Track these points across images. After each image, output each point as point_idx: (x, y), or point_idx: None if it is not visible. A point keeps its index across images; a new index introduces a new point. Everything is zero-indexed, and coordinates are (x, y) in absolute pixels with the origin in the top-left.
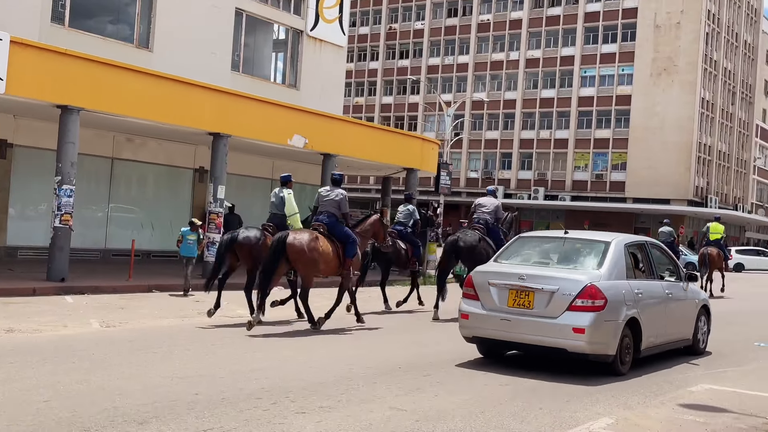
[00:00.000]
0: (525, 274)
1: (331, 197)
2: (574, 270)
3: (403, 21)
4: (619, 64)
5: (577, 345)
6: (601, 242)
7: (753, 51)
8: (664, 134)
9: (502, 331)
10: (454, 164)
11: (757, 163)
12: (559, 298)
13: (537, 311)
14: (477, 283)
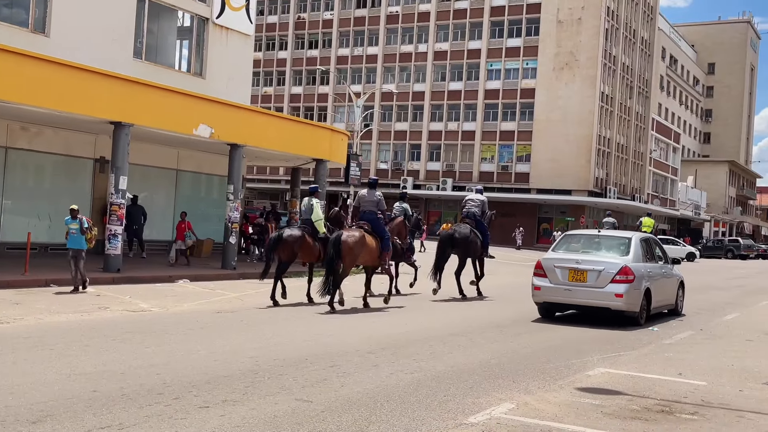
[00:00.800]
0: (579, 260)
1: (372, 199)
2: (612, 256)
3: (312, 11)
4: (524, 58)
5: (618, 305)
6: (625, 237)
7: (649, 47)
8: (566, 127)
9: (565, 297)
10: (364, 155)
11: (653, 155)
12: (605, 275)
13: (589, 284)
14: (545, 266)
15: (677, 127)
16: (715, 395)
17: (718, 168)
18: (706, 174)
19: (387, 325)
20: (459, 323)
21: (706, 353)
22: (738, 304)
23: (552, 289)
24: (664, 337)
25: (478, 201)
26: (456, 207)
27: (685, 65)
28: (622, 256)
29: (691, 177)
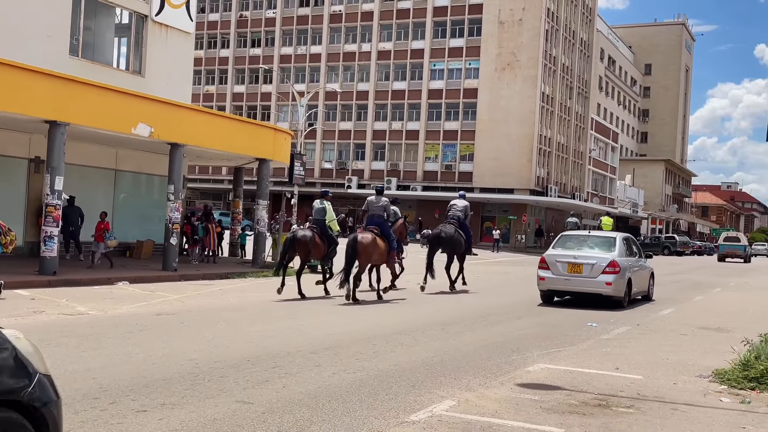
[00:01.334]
0: (576, 255)
1: (380, 204)
2: (602, 252)
3: (255, 9)
4: (467, 59)
5: (608, 291)
6: (611, 237)
7: (588, 48)
8: (508, 127)
9: (565, 286)
10: (308, 155)
11: (592, 154)
12: (597, 267)
13: (585, 275)
14: (549, 261)
15: (616, 127)
16: (650, 389)
17: (655, 167)
18: (643, 173)
19: (332, 325)
20: (403, 322)
21: (643, 348)
22: (673, 299)
23: (554, 279)
24: (602, 332)
25: (461, 205)
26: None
27: (623, 66)
28: (609, 252)
29: (629, 176)
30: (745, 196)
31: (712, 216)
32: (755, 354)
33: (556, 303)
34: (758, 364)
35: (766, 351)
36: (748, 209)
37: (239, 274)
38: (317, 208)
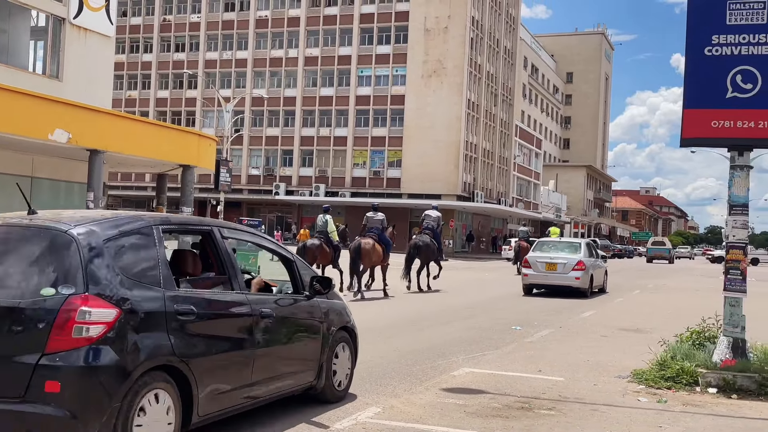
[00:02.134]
0: (552, 257)
1: (377, 218)
2: (571, 254)
3: (179, 13)
4: (393, 65)
5: (575, 284)
6: (577, 242)
7: (512, 56)
8: (435, 133)
9: (543, 281)
10: (234, 161)
11: (516, 160)
12: (568, 266)
13: (558, 272)
14: (531, 261)
15: (539, 134)
16: (571, 390)
17: (576, 172)
18: (566, 178)
19: None
20: None
21: (564, 350)
22: (594, 301)
23: (536, 275)
24: (525, 335)
25: (434, 216)
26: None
27: (546, 74)
28: (577, 254)
29: (552, 181)
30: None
31: (632, 220)
32: (671, 354)
33: (487, 307)
34: (674, 363)
35: (682, 350)
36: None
37: None
38: (320, 222)
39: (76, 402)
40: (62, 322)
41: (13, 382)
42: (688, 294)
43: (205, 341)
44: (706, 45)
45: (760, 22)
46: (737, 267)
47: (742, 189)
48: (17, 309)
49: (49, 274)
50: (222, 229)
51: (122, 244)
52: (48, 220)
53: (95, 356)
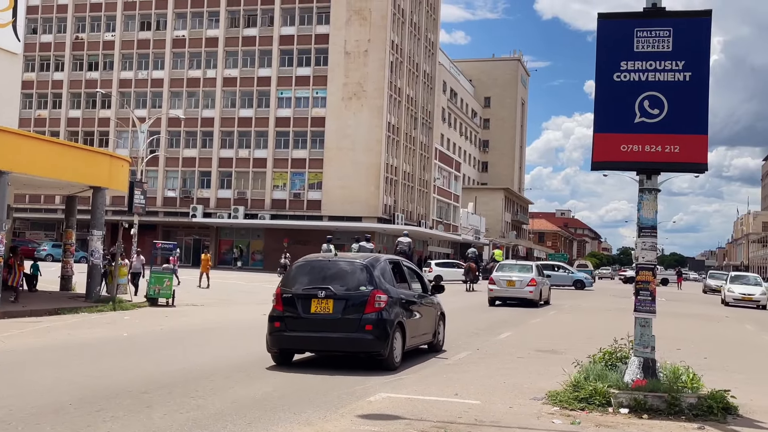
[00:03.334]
0: (512, 276)
1: (368, 247)
2: (526, 274)
3: (92, 31)
4: (314, 87)
5: (530, 297)
6: (530, 264)
7: (431, 80)
8: (355, 155)
9: (505, 294)
10: (150, 183)
11: (436, 182)
12: (524, 283)
13: (517, 288)
14: (495, 279)
15: (458, 157)
16: (487, 413)
17: (495, 195)
18: (484, 201)
19: (170, 360)
20: (250, 354)
21: (482, 372)
22: (512, 322)
23: (499, 290)
24: (444, 358)
25: (406, 242)
26: (248, 235)
27: (464, 98)
28: (530, 273)
29: (472, 203)
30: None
31: (548, 242)
32: (584, 375)
33: None
34: (587, 384)
35: (595, 371)
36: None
37: (71, 309)
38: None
39: (377, 333)
40: (370, 300)
41: (351, 326)
42: (601, 314)
43: (408, 312)
44: (615, 71)
45: (666, 49)
46: (647, 288)
47: (650, 212)
48: (351, 295)
49: (361, 280)
50: (403, 262)
51: (383, 267)
52: (352, 258)
53: (382, 315)
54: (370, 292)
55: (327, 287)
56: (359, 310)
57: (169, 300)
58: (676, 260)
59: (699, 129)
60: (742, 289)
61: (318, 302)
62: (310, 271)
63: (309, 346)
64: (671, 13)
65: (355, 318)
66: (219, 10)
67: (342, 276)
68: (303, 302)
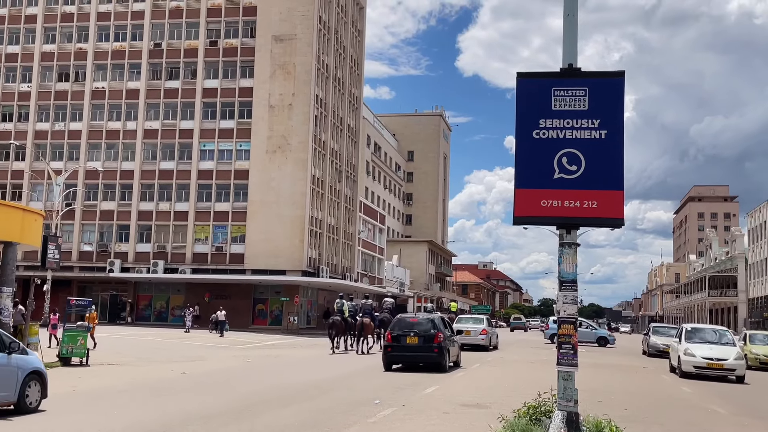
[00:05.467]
0: (468, 327)
1: (368, 303)
2: (479, 324)
3: (6, 82)
4: (237, 140)
5: (482, 343)
6: (481, 316)
7: (355, 134)
8: (279, 208)
9: (465, 341)
10: (65, 237)
11: (361, 235)
12: (478, 331)
13: (473, 336)
14: (455, 328)
15: (383, 210)
16: None
17: (419, 247)
18: (409, 253)
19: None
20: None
21: (407, 429)
22: (437, 376)
23: (462, 338)
24: (368, 415)
25: (390, 302)
26: (168, 290)
27: (388, 152)
28: (482, 324)
29: (396, 256)
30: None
31: (471, 293)
32: (509, 430)
33: (334, 386)
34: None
35: (519, 426)
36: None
37: None
38: (339, 304)
39: (441, 353)
40: (436, 336)
41: (429, 351)
42: (525, 366)
43: (450, 342)
44: (534, 128)
45: (582, 108)
46: (569, 342)
47: (570, 265)
48: (427, 335)
49: (431, 327)
50: (443, 316)
51: (441, 320)
52: (428, 317)
53: (443, 345)
54: (435, 333)
55: (414, 330)
56: (431, 341)
57: (83, 359)
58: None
59: (615, 185)
60: (707, 351)
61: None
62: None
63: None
64: (586, 73)
65: (431, 346)
66: (141, 62)
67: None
68: (402, 338)
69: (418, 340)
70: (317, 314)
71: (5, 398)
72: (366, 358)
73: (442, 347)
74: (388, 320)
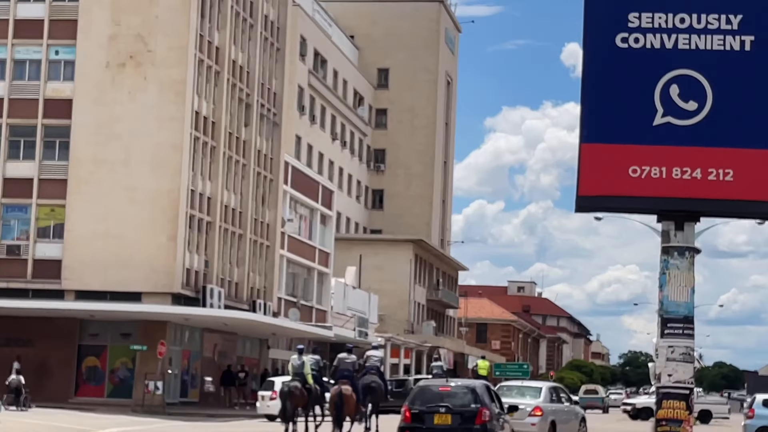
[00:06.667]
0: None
1: (349, 361)
2: (529, 398)
3: None
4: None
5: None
6: (538, 386)
7: (279, 35)
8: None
9: None
10: None
11: (287, 228)
12: (526, 411)
13: (517, 418)
14: None
15: (329, 180)
16: None
17: (396, 253)
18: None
19: None
20: None
21: None
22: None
23: None
24: None
25: (378, 356)
26: None
27: (341, 71)
28: (535, 399)
29: (353, 268)
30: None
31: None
32: None
33: None
34: None
35: None
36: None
37: None
38: (297, 363)
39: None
40: (479, 414)
41: (466, 431)
42: None
43: (499, 425)
44: (619, 31)
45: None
46: (676, 430)
47: (682, 289)
48: (465, 412)
49: (471, 399)
50: (487, 384)
51: (486, 388)
52: (467, 383)
53: (489, 427)
54: (478, 409)
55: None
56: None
57: None
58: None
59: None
60: None
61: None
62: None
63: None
64: None
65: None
66: None
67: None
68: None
69: (451, 420)
70: (204, 377)
71: None
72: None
73: (487, 431)
74: (377, 387)
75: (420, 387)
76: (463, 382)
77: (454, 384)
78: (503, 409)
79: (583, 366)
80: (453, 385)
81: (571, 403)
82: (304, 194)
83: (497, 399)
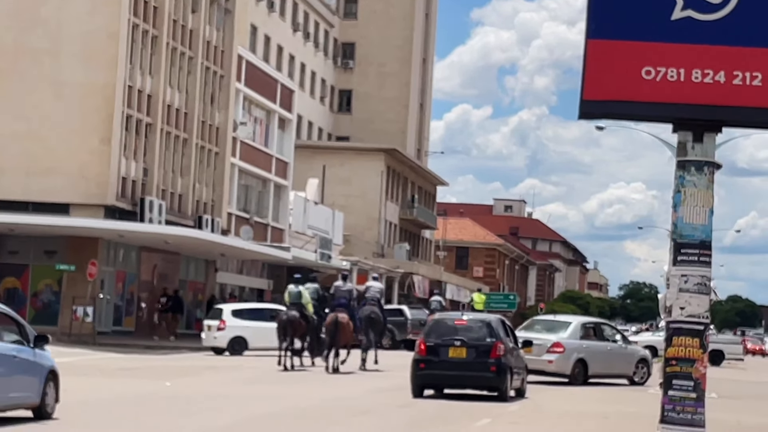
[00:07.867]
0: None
1: (345, 289)
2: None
3: None
4: None
5: (550, 369)
6: (563, 319)
7: None
8: (57, 65)
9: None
10: None
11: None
12: (545, 346)
13: (534, 354)
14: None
15: (289, 77)
16: None
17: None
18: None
19: None
20: None
21: None
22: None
23: None
24: None
25: (378, 288)
26: None
27: None
28: (558, 332)
29: (316, 181)
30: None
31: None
32: None
33: None
34: None
35: None
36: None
37: None
38: (293, 293)
39: (501, 373)
40: (494, 348)
41: (484, 369)
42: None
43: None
44: None
45: None
46: (687, 371)
47: (700, 209)
48: (480, 346)
49: (486, 333)
50: (503, 319)
51: (501, 322)
52: (482, 317)
53: (504, 361)
54: (494, 342)
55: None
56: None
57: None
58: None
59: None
60: None
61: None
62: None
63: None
64: None
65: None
66: None
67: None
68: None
69: (466, 353)
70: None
71: (29, 400)
72: (349, 380)
73: (502, 365)
74: (377, 318)
75: (435, 320)
76: (477, 316)
77: (469, 317)
78: (518, 344)
79: (577, 298)
80: (468, 318)
81: (625, 342)
82: (260, 94)
83: (512, 333)
